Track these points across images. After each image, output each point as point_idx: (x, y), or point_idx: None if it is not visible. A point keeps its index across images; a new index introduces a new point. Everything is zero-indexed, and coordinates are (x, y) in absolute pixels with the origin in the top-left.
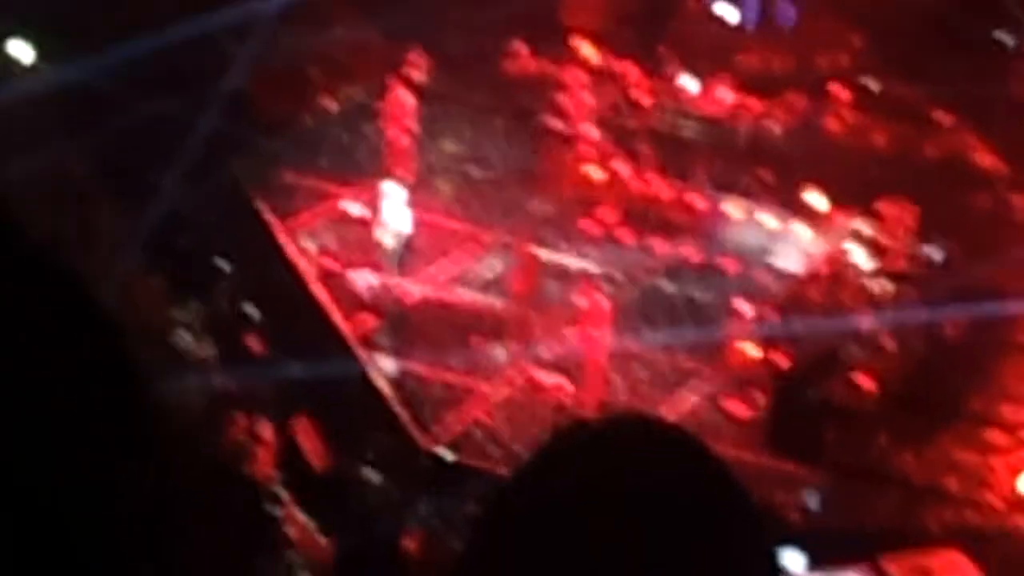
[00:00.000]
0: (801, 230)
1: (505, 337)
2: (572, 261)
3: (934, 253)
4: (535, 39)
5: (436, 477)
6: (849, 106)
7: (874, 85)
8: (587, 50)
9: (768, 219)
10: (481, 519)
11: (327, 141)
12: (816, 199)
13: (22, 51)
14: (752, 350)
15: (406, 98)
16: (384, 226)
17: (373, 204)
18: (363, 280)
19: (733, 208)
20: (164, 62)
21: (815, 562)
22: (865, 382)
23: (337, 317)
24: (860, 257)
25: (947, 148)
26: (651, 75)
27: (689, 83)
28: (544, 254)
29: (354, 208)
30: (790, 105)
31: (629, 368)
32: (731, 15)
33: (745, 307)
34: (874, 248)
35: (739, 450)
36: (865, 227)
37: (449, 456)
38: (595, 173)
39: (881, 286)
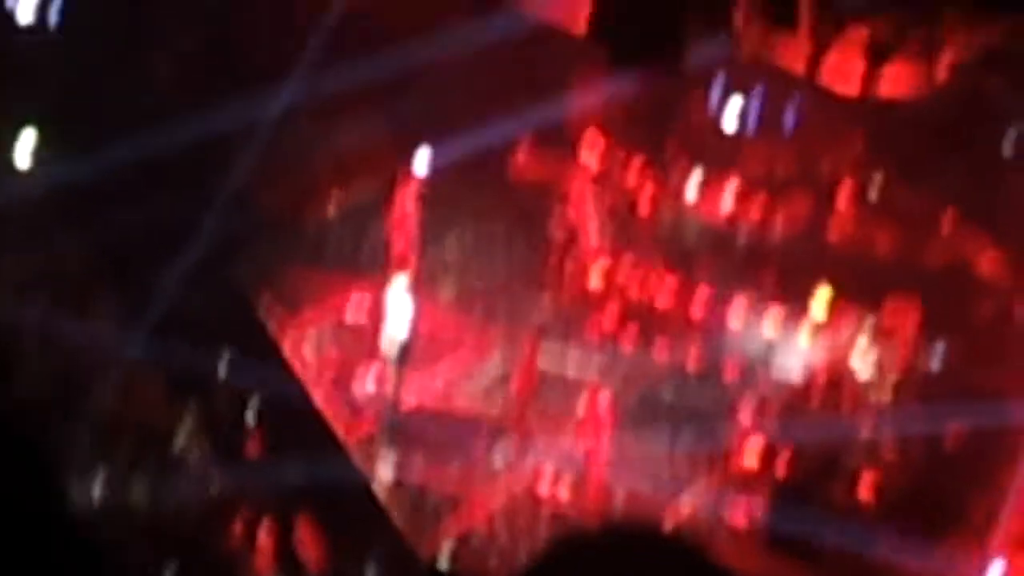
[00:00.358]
0: (802, 335)
1: (504, 443)
2: (573, 366)
3: (936, 359)
4: (539, 142)
5: None
6: (851, 210)
7: (876, 189)
8: (590, 153)
9: (769, 324)
10: None
11: (330, 240)
12: (818, 304)
13: (22, 146)
14: (752, 456)
15: (410, 199)
16: (385, 328)
17: (374, 306)
18: (362, 383)
19: (734, 313)
20: (166, 158)
21: None
22: (866, 489)
23: (336, 420)
24: (861, 362)
25: (950, 253)
26: (653, 178)
27: (691, 186)
28: (545, 359)
29: (355, 310)
30: (792, 209)
31: (629, 474)
32: (732, 119)
33: (745, 413)
34: (875, 353)
35: (739, 557)
36: (866, 332)
37: (446, 563)
38: (596, 277)
39: (882, 392)
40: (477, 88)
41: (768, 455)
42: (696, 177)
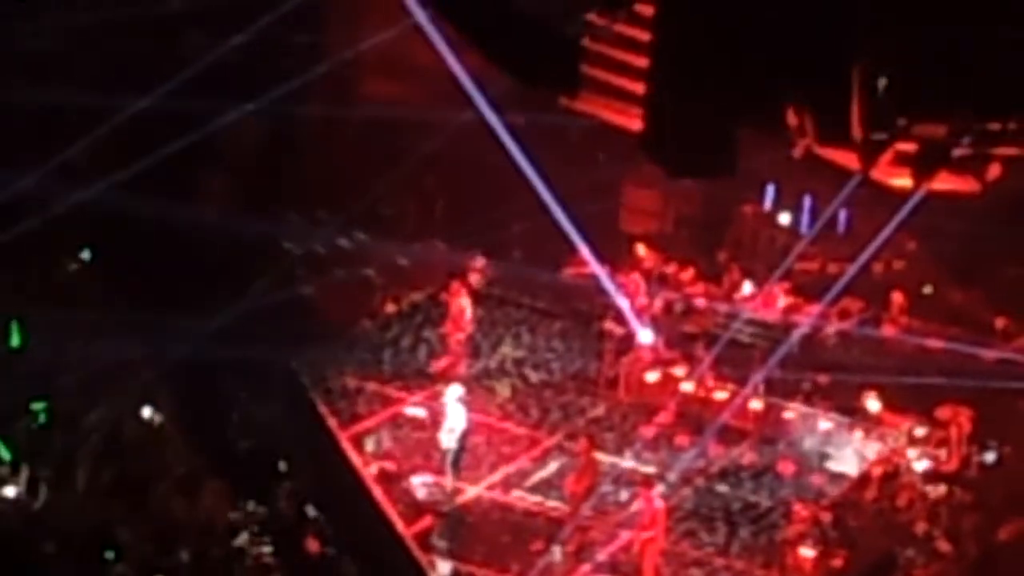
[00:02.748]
0: (856, 433)
1: (561, 539)
2: (628, 463)
3: (988, 455)
4: (594, 244)
5: None
6: (904, 310)
7: (929, 291)
8: (645, 255)
9: (824, 422)
10: None
11: (388, 345)
12: (871, 402)
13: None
14: (808, 552)
15: (466, 302)
16: (442, 428)
17: (432, 407)
18: (421, 481)
19: (789, 411)
20: (226, 267)
21: None
22: None
23: (395, 518)
24: (915, 459)
25: (1001, 352)
26: (707, 279)
27: (745, 287)
28: (600, 456)
29: (413, 411)
30: (846, 309)
31: (685, 571)
32: (785, 220)
33: (801, 509)
34: (928, 450)
35: None
36: (920, 430)
37: None
38: (652, 376)
39: (935, 488)
40: (531, 193)
41: (824, 551)
42: (750, 277)
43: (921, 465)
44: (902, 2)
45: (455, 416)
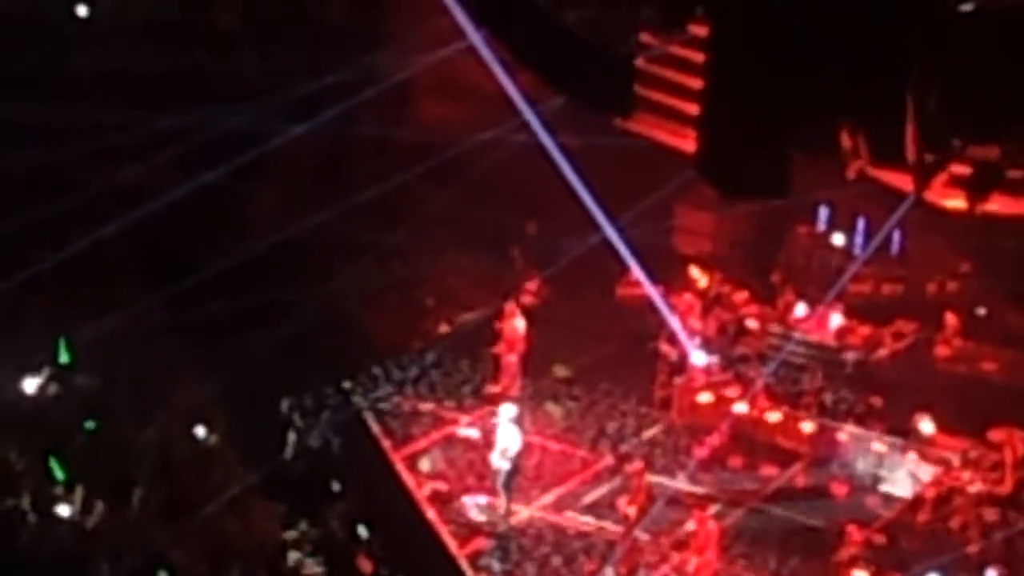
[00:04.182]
0: (910, 455)
1: (614, 561)
2: (681, 485)
3: None
4: (647, 265)
5: None
6: (958, 333)
7: (983, 312)
8: (698, 276)
9: (878, 444)
10: None
11: (441, 366)
12: (925, 424)
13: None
14: (861, 575)
15: (519, 323)
16: (495, 449)
17: (485, 428)
18: (474, 502)
19: (842, 433)
20: (281, 283)
21: None
22: None
23: (447, 538)
24: (968, 482)
25: None
26: (761, 300)
27: (799, 308)
28: (653, 478)
29: (466, 431)
30: (899, 331)
31: None
32: (839, 241)
33: (854, 531)
34: (982, 473)
35: None
36: (974, 452)
37: None
38: (705, 397)
39: (989, 511)
40: (584, 212)
41: (877, 573)
42: (804, 299)
43: (975, 488)
44: (956, 24)
45: (508, 437)
